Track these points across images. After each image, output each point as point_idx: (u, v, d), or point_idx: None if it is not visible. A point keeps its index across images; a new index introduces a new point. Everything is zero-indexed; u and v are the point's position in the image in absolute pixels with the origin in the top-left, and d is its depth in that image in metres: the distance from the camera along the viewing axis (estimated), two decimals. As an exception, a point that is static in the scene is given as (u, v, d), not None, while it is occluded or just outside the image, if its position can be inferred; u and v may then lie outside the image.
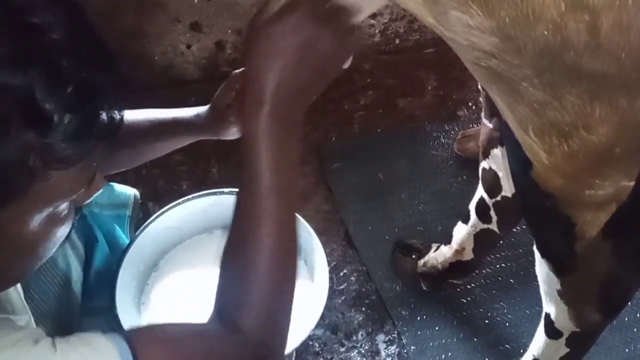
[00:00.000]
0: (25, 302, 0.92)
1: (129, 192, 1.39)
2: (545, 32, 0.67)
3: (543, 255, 1.09)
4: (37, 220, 0.69)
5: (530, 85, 0.75)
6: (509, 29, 0.68)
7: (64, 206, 0.72)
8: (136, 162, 1.22)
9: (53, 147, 0.64)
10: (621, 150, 0.81)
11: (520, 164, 0.90)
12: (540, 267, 1.12)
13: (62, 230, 0.75)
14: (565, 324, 1.22)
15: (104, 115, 0.68)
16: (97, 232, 1.30)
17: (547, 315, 1.25)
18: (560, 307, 1.18)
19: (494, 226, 1.54)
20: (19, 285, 0.92)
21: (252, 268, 0.78)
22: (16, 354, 0.67)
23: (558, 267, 1.08)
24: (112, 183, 1.38)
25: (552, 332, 1.27)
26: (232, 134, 1.09)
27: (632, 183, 0.88)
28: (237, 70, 1.07)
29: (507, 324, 1.79)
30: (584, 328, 1.21)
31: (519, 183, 1.04)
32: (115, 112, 0.70)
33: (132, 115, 1.09)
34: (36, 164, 0.64)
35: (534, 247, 1.11)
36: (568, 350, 1.29)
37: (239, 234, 0.80)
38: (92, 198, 0.76)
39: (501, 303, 1.83)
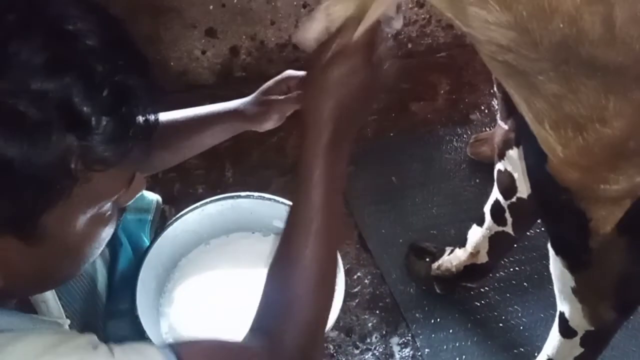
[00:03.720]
0: (59, 304, 0.94)
1: (152, 197, 1.41)
2: (561, 25, 0.68)
3: (557, 252, 1.10)
4: (81, 221, 0.72)
5: (546, 79, 0.76)
6: (526, 23, 0.70)
7: (107, 207, 0.74)
8: (179, 159, 1.24)
9: (92, 149, 0.66)
10: (636, 144, 0.82)
11: (536, 157, 0.91)
12: (555, 265, 1.13)
13: (107, 231, 0.78)
14: (580, 323, 1.22)
15: (139, 117, 0.71)
16: (121, 235, 1.32)
17: (562, 314, 1.25)
18: (574, 306, 1.18)
19: (509, 228, 1.55)
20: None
21: (298, 287, 0.84)
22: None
23: (572, 263, 1.08)
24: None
25: (567, 331, 1.27)
26: (269, 125, 1.15)
27: (647, 179, 0.89)
28: (292, 72, 1.13)
29: (521, 327, 1.79)
30: (598, 326, 1.21)
31: (535, 177, 1.05)
32: (150, 113, 0.72)
33: (173, 114, 1.12)
34: (77, 166, 0.66)
35: (549, 245, 1.11)
36: (582, 350, 1.29)
37: (287, 253, 0.86)
38: (134, 198, 0.79)
39: (515, 306, 1.83)
